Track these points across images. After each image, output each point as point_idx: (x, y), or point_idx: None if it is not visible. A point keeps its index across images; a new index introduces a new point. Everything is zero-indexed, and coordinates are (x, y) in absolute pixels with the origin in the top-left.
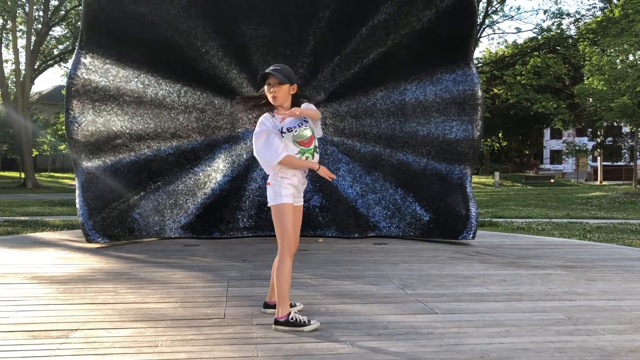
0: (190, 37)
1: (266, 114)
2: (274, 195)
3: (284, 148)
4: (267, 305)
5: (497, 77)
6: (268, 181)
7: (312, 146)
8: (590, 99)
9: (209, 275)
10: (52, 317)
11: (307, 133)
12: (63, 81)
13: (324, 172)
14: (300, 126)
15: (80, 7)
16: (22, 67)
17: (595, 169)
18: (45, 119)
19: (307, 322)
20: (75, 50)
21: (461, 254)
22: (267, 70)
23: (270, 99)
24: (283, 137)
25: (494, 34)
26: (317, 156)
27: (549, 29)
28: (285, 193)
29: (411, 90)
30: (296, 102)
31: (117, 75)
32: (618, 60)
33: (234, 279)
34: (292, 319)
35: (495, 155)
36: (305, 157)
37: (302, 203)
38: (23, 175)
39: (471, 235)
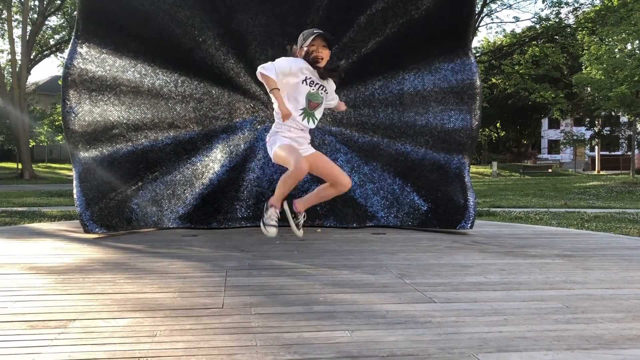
0: (187, 26)
1: (301, 60)
2: (270, 149)
3: (278, 82)
4: (289, 206)
5: (495, 66)
6: (266, 139)
7: (314, 111)
8: (589, 89)
9: (207, 265)
10: (50, 307)
11: (319, 98)
12: (59, 71)
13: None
14: (320, 88)
15: None
16: (18, 57)
17: (593, 159)
18: (42, 109)
19: (272, 224)
20: (72, 40)
21: (459, 244)
22: (322, 31)
23: (319, 60)
24: (301, 84)
25: (492, 22)
26: (312, 123)
27: (547, 18)
28: (281, 141)
29: (409, 79)
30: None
31: (113, 65)
32: (616, 50)
33: (233, 268)
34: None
35: (493, 145)
36: (305, 118)
37: (313, 151)
38: (20, 166)
39: (469, 225)
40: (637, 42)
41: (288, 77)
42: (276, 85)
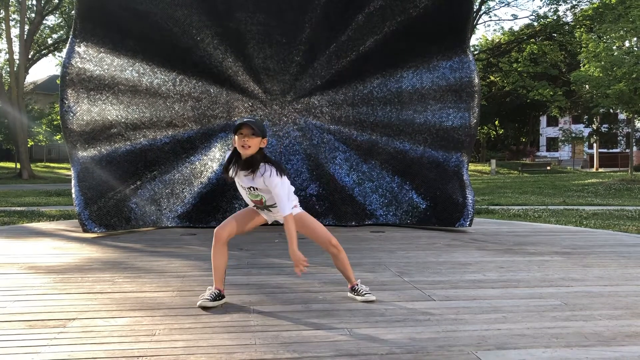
0: (185, 25)
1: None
2: None
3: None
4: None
5: (493, 64)
6: None
7: (264, 204)
8: (587, 86)
9: (206, 264)
10: (49, 306)
11: (257, 196)
12: (57, 70)
13: (294, 258)
14: (250, 190)
15: None
16: (16, 56)
17: (591, 156)
18: (40, 108)
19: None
20: (70, 39)
21: (458, 241)
22: (241, 121)
23: (240, 149)
24: (242, 190)
25: (491, 20)
26: (271, 212)
27: (545, 16)
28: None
29: (408, 77)
30: (262, 157)
31: (111, 64)
32: (614, 47)
33: (232, 267)
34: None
35: (491, 143)
36: (262, 210)
37: (298, 212)
38: (19, 165)
39: (468, 223)
40: (635, 39)
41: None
42: (291, 219)
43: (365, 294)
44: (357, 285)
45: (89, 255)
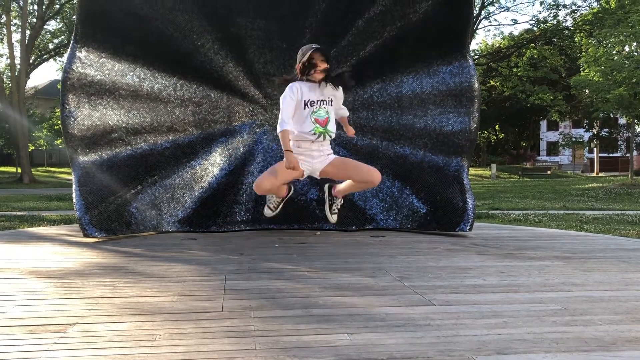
0: (186, 30)
1: (297, 82)
2: None
3: (290, 120)
4: (329, 188)
5: (493, 69)
6: None
7: (325, 127)
8: (587, 91)
9: (207, 269)
10: (49, 311)
11: (322, 113)
12: (58, 75)
13: (288, 163)
14: (321, 104)
15: (74, 1)
16: (17, 61)
17: (591, 161)
18: (41, 113)
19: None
20: (71, 44)
21: (458, 246)
22: (320, 46)
23: (320, 73)
24: (303, 110)
25: (490, 25)
26: (327, 138)
27: (545, 21)
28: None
29: (408, 82)
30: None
31: (112, 69)
32: (614, 52)
33: (232, 272)
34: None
35: (491, 148)
36: (318, 135)
37: (332, 159)
38: (19, 170)
39: (468, 227)
40: (634, 44)
41: (296, 110)
42: (282, 132)
43: (333, 214)
44: (337, 199)
45: (89, 260)
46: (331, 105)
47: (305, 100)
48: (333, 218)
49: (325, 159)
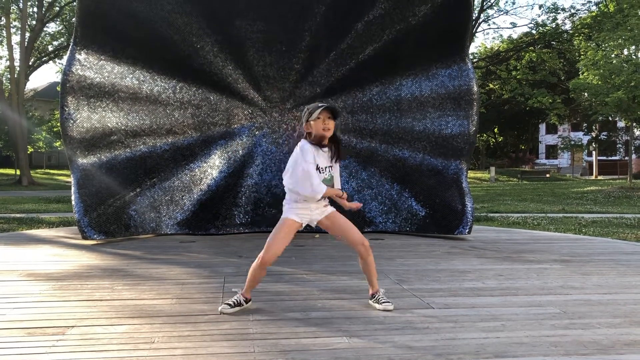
0: (186, 32)
1: (309, 145)
2: (284, 210)
3: (320, 181)
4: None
5: (492, 72)
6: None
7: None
8: (586, 94)
9: (205, 272)
10: (48, 314)
11: (328, 178)
12: (58, 78)
13: (344, 202)
14: (328, 170)
15: (74, 3)
16: (17, 63)
17: (590, 164)
18: (40, 115)
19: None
20: (70, 47)
21: (457, 249)
22: (327, 105)
23: (325, 132)
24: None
25: (489, 28)
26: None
27: (544, 24)
28: (287, 214)
29: (407, 85)
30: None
31: (112, 71)
32: (613, 55)
33: (231, 275)
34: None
35: (490, 151)
36: (321, 199)
37: (330, 211)
38: (18, 172)
39: (467, 230)
40: (633, 47)
41: None
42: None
43: (384, 302)
44: (379, 293)
45: (88, 262)
46: (334, 170)
47: (317, 166)
48: (390, 305)
49: (324, 211)
